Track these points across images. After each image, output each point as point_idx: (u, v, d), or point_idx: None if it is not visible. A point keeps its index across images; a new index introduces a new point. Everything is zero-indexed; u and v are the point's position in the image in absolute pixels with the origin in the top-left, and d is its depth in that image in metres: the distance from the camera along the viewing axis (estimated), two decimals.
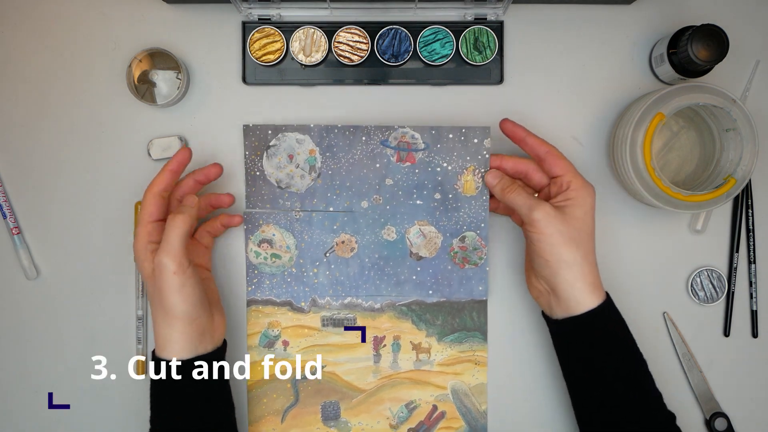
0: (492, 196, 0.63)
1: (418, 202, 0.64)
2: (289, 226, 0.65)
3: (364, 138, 0.63)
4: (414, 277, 0.66)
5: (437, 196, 0.64)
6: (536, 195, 0.61)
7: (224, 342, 0.61)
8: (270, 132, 0.63)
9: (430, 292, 0.66)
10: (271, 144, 0.63)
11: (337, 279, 0.66)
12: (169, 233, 0.56)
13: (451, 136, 0.62)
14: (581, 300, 0.56)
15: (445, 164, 0.63)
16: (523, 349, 0.68)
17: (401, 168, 0.63)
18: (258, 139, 0.63)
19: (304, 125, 0.63)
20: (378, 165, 0.63)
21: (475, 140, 0.62)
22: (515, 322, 0.68)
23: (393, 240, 0.65)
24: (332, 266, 0.65)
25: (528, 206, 0.57)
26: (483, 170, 0.62)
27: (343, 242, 0.65)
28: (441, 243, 0.65)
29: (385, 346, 0.67)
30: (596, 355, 0.57)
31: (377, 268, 0.65)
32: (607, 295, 0.58)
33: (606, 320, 0.57)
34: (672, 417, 0.57)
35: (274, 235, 0.65)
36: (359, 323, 0.67)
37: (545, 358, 0.68)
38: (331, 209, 0.64)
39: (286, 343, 0.67)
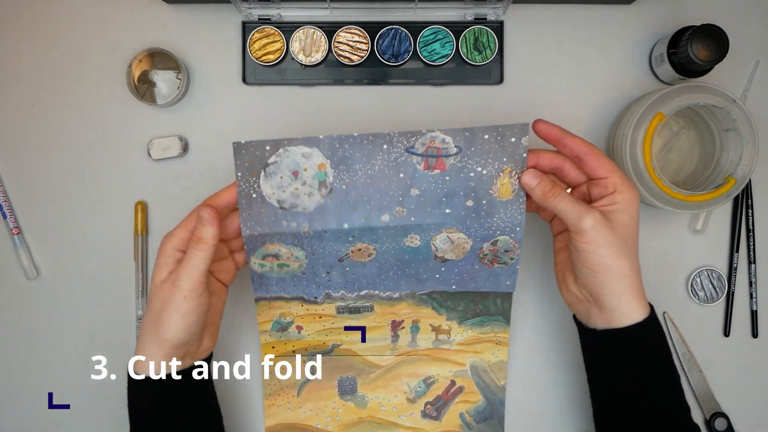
0: (528, 196, 0.56)
1: (446, 210, 0.56)
2: (297, 242, 0.58)
3: (385, 146, 0.54)
4: (437, 276, 0.62)
5: (469, 203, 0.56)
6: (569, 190, 0.58)
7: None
8: (268, 148, 0.54)
9: (454, 287, 0.63)
10: (269, 162, 0.54)
11: (353, 278, 0.62)
12: (193, 253, 0.52)
13: (486, 136, 0.54)
14: (627, 312, 0.53)
15: (479, 168, 0.55)
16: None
17: (429, 176, 0.55)
18: (253, 157, 0.54)
19: (311, 137, 0.54)
20: (402, 175, 0.55)
21: (512, 139, 0.54)
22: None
23: (416, 246, 0.59)
24: (347, 269, 0.61)
25: (576, 214, 0.52)
26: (520, 170, 0.55)
27: (359, 250, 0.59)
28: (470, 247, 0.59)
29: (403, 328, 0.65)
30: (641, 369, 0.54)
31: (397, 269, 0.61)
32: (651, 306, 0.55)
33: (651, 334, 0.55)
34: (698, 430, 0.56)
35: (279, 250, 0.58)
36: (376, 311, 0.64)
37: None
38: (346, 226, 0.56)
39: (299, 328, 0.65)
